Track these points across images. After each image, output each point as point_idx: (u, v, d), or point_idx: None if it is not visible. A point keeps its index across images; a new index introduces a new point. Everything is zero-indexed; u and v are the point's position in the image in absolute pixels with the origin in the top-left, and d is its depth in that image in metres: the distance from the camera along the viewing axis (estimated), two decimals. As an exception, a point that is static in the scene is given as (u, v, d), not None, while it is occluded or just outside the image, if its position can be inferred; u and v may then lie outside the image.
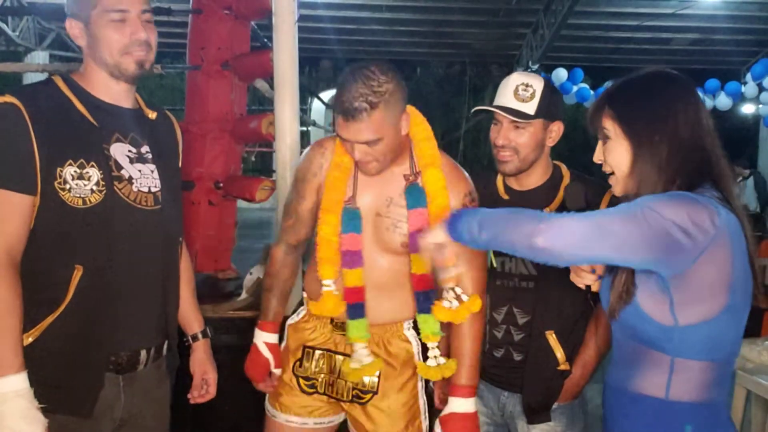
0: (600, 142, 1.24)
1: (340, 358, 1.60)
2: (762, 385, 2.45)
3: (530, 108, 1.56)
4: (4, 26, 8.19)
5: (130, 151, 1.40)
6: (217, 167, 3.25)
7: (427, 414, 1.63)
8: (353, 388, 1.59)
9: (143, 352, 1.44)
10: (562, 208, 1.59)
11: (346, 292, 1.55)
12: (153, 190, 1.43)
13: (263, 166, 11.15)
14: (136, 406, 1.44)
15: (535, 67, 9.04)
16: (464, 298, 1.48)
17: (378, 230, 1.56)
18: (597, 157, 1.25)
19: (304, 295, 1.70)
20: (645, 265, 1.10)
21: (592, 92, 8.93)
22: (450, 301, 1.48)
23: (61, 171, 1.31)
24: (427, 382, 1.64)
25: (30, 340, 1.30)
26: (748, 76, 8.78)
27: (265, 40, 3.69)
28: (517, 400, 1.66)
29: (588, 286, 1.34)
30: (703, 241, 1.06)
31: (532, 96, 1.56)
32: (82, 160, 1.33)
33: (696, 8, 8.03)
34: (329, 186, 1.56)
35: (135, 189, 1.39)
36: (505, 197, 1.68)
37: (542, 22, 8.59)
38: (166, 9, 3.73)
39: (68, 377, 1.33)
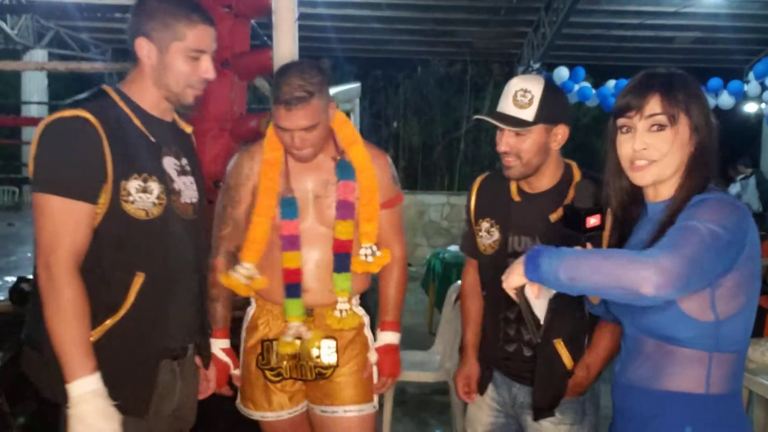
0: (647, 126, 1.20)
1: (297, 342, 1.75)
2: (765, 386, 2.44)
3: (528, 114, 1.55)
4: (2, 24, 8.17)
5: (175, 164, 1.52)
6: (216, 166, 3.23)
7: (377, 374, 1.86)
8: (315, 367, 1.77)
9: (190, 347, 1.60)
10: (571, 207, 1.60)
11: (285, 274, 1.71)
12: (193, 201, 1.55)
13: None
14: (185, 393, 1.58)
15: (537, 65, 9.02)
16: (378, 253, 1.76)
17: (320, 210, 1.74)
18: (639, 145, 1.20)
19: (252, 295, 1.81)
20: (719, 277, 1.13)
21: (593, 91, 8.91)
22: (366, 257, 1.74)
23: (126, 184, 1.39)
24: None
25: (91, 340, 1.37)
26: (751, 75, 8.74)
27: (265, 38, 3.67)
28: (527, 392, 1.69)
29: None
30: (747, 237, 1.13)
31: (531, 102, 1.55)
32: (145, 175, 1.42)
33: (698, 7, 8.01)
34: (264, 178, 1.71)
35: (182, 201, 1.51)
36: (517, 199, 1.68)
37: (543, 21, 8.56)
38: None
39: (125, 377, 1.40)
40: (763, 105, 9.24)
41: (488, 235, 1.70)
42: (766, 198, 7.33)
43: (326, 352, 1.77)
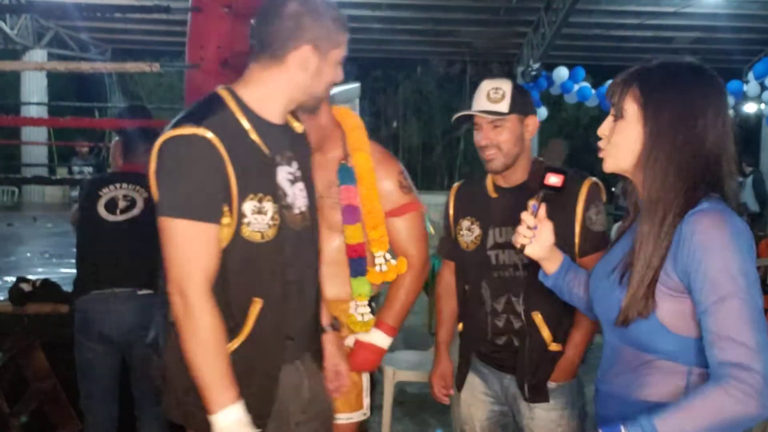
0: (611, 117, 1.20)
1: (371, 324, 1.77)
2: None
3: (503, 107, 1.69)
4: (2, 24, 8.18)
5: (288, 173, 1.40)
6: (216, 166, 3.23)
7: (368, 391, 1.82)
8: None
9: (307, 354, 1.54)
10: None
11: (349, 250, 1.74)
12: (302, 209, 1.43)
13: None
14: (314, 387, 1.53)
15: (536, 65, 9.02)
16: (393, 262, 1.75)
17: (323, 210, 1.70)
18: (602, 131, 1.20)
19: None
20: None
21: (593, 91, 8.92)
22: (380, 266, 1.74)
23: (242, 205, 1.29)
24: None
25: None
26: (750, 75, 8.76)
27: (265, 38, 3.67)
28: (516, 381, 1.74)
29: (522, 247, 1.34)
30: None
31: (503, 97, 1.69)
32: (260, 194, 1.32)
33: (698, 7, 8.02)
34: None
35: (294, 213, 1.40)
36: (494, 195, 1.77)
37: (543, 21, 8.57)
38: (164, 7, 3.72)
39: (244, 395, 1.31)
40: (762, 105, 9.25)
41: (469, 233, 1.78)
42: (762, 198, 7.34)
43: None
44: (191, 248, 1.27)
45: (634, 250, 1.15)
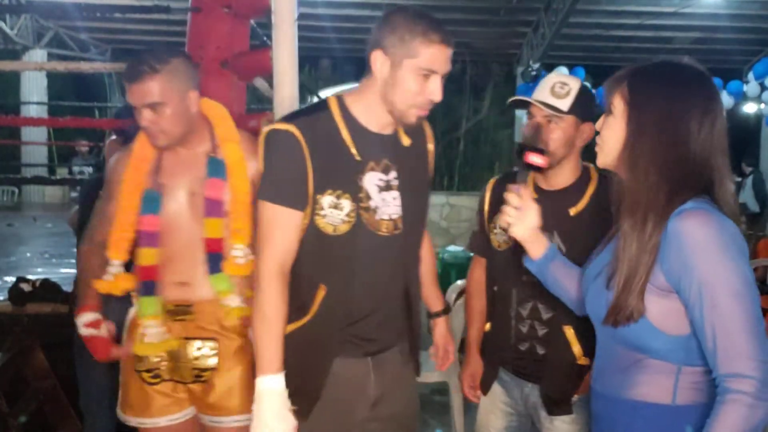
0: (605, 114, 1.21)
1: (183, 343, 1.70)
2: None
3: (564, 104, 1.60)
4: (2, 24, 8.17)
5: (380, 179, 1.50)
6: (216, 166, 3.23)
7: None
8: (193, 369, 1.69)
9: (392, 350, 1.59)
10: (586, 211, 1.63)
11: (140, 271, 1.68)
12: (393, 217, 1.51)
13: (263, 165, 11.12)
14: (385, 385, 1.56)
15: (536, 66, 9.02)
16: (251, 256, 1.63)
17: (196, 207, 1.69)
18: (598, 125, 1.23)
19: (134, 294, 1.75)
20: None
21: (593, 91, 8.90)
22: (236, 258, 1.66)
23: (321, 198, 1.44)
24: None
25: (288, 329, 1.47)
26: (750, 75, 8.74)
27: (265, 38, 3.67)
28: (540, 391, 1.69)
29: (507, 226, 1.37)
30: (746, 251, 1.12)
31: (568, 93, 1.60)
32: (339, 191, 1.44)
33: (697, 7, 8.02)
34: (129, 171, 1.70)
35: (377, 217, 1.48)
36: (534, 196, 1.65)
37: (543, 21, 8.57)
38: (164, 7, 3.72)
39: (296, 379, 1.44)
40: (762, 105, 9.24)
41: (503, 232, 1.67)
42: (761, 198, 7.33)
43: (205, 353, 1.68)
44: (268, 229, 1.44)
45: (619, 253, 1.14)
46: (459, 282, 3.41)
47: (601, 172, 1.70)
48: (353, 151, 1.46)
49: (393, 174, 1.52)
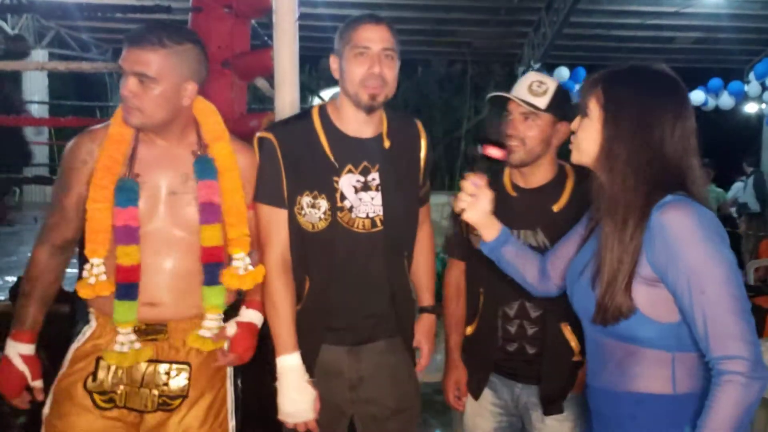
0: (580, 115, 1.26)
1: (142, 366, 1.50)
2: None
3: (542, 102, 1.62)
4: (3, 24, 8.17)
5: (357, 181, 1.61)
6: (216, 166, 3.23)
7: (233, 413, 1.62)
8: (160, 395, 1.51)
9: (368, 342, 1.67)
10: (569, 206, 1.64)
11: (118, 271, 1.47)
12: (371, 215, 1.61)
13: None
14: (363, 370, 1.66)
15: (537, 65, 9.01)
16: (251, 267, 1.56)
17: (176, 209, 1.52)
18: (573, 125, 1.28)
19: (91, 311, 1.56)
20: None
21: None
22: (238, 269, 1.55)
23: (300, 199, 1.58)
24: (236, 378, 1.64)
25: None
26: (751, 75, 8.75)
27: (266, 38, 3.67)
28: (532, 391, 1.68)
29: (461, 211, 1.44)
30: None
31: (545, 92, 1.63)
32: (316, 192, 1.58)
33: (699, 7, 8.01)
34: (103, 156, 1.49)
35: (353, 216, 1.60)
36: (513, 194, 1.71)
37: (544, 21, 8.56)
38: (165, 7, 3.72)
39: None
40: (763, 105, 9.24)
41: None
42: (762, 198, 7.32)
43: (176, 377, 1.51)
44: (268, 228, 1.59)
45: (601, 253, 1.18)
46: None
47: (577, 169, 1.70)
48: (330, 155, 1.59)
49: (373, 175, 1.62)
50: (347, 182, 1.60)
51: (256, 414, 1.98)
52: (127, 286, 1.48)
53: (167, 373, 1.51)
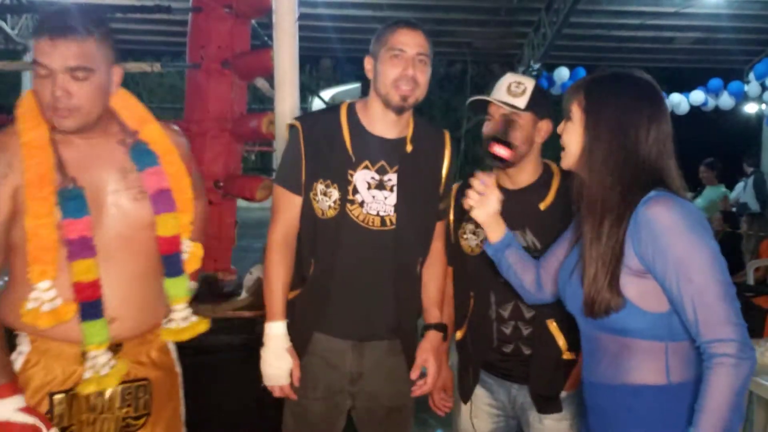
0: (564, 119, 1.32)
1: (107, 390, 1.40)
2: (764, 386, 2.44)
3: (521, 102, 1.65)
4: (3, 24, 8.17)
5: (372, 178, 1.66)
6: (216, 166, 3.24)
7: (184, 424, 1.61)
8: (123, 419, 1.43)
9: (369, 339, 1.70)
10: (556, 204, 1.68)
11: (78, 290, 1.33)
12: (381, 214, 1.66)
13: (263, 166, 11.12)
14: (364, 367, 1.71)
15: (537, 66, 9.01)
16: (190, 248, 1.52)
17: (122, 208, 1.40)
18: (559, 129, 1.35)
19: (22, 334, 1.39)
20: None
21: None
22: (185, 254, 1.49)
23: (316, 185, 1.66)
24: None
25: (291, 295, 1.69)
26: (751, 76, 8.73)
27: (266, 38, 3.67)
28: (527, 392, 1.69)
29: (470, 208, 1.49)
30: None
31: (523, 92, 1.65)
32: (329, 181, 1.65)
33: (699, 7, 8.00)
34: (29, 166, 1.30)
35: (364, 211, 1.65)
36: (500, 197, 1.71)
37: (544, 21, 8.55)
38: (166, 7, 3.72)
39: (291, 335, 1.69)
40: (763, 105, 9.24)
41: (474, 236, 1.73)
42: (763, 198, 7.32)
43: (138, 396, 1.44)
44: (278, 207, 1.72)
45: (583, 253, 1.24)
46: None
47: (564, 170, 1.72)
48: (349, 149, 1.66)
49: (390, 176, 1.66)
50: (362, 177, 1.66)
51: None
52: (90, 305, 1.34)
53: (129, 394, 1.43)
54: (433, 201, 1.72)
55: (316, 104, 11.72)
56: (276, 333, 1.67)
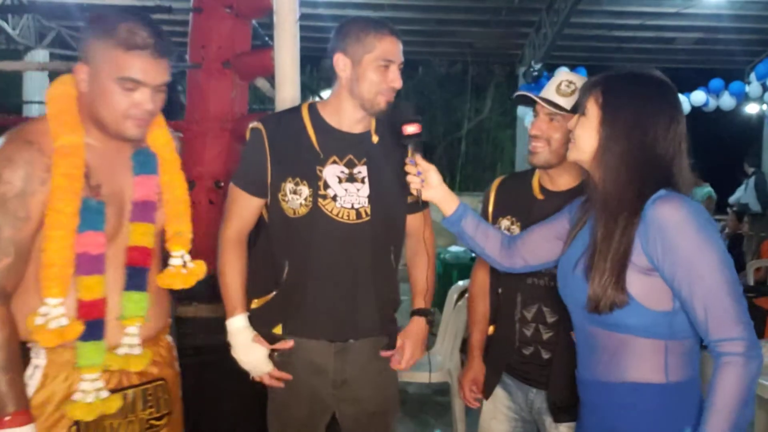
0: (578, 114, 1.33)
1: (130, 393, 1.39)
2: (765, 387, 2.43)
3: (568, 103, 1.61)
4: (4, 24, 8.18)
5: (342, 172, 1.65)
6: (217, 166, 3.24)
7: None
8: (147, 420, 1.42)
9: (351, 338, 1.69)
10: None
11: (80, 306, 1.28)
12: (356, 206, 1.64)
13: (265, 165, 11.13)
14: (348, 373, 1.70)
15: (538, 66, 9.01)
16: (191, 265, 1.48)
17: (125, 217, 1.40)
18: (571, 124, 1.35)
19: (32, 345, 1.31)
20: None
21: None
22: (176, 267, 1.45)
23: (284, 185, 1.63)
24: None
25: (255, 305, 1.69)
26: (752, 76, 8.71)
27: (266, 38, 3.67)
28: (545, 396, 1.68)
29: (419, 193, 1.52)
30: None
31: (573, 93, 1.61)
32: (298, 179, 1.62)
33: (700, 7, 8.00)
34: (60, 173, 1.26)
35: (338, 205, 1.63)
36: (540, 197, 1.71)
37: (545, 21, 8.55)
38: (166, 7, 3.72)
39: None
40: (764, 106, 9.22)
41: (508, 233, 1.70)
42: (764, 198, 7.32)
43: (160, 395, 1.46)
44: (232, 207, 1.70)
45: (595, 245, 1.25)
46: (460, 282, 3.41)
47: None
48: (315, 145, 1.65)
49: (359, 168, 1.66)
50: (331, 172, 1.65)
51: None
52: (90, 324, 1.28)
53: (150, 394, 1.42)
54: (404, 190, 1.69)
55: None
56: (238, 327, 1.67)
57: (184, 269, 1.45)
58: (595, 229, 1.27)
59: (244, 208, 1.70)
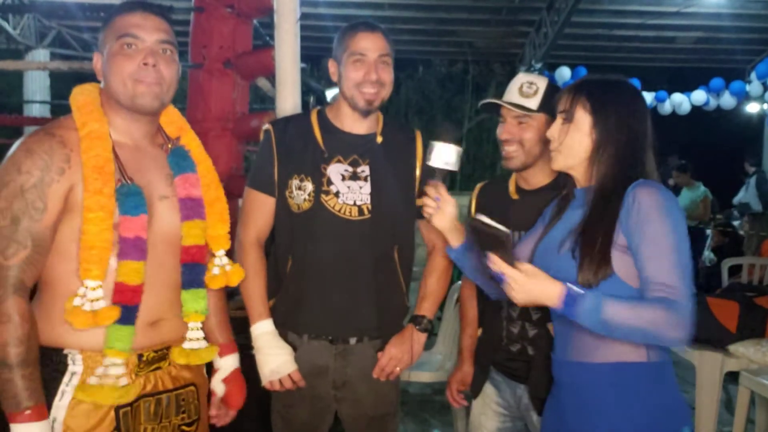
0: (559, 120, 1.40)
1: (164, 397, 1.38)
2: (765, 386, 2.44)
3: (533, 103, 1.64)
4: (4, 24, 8.19)
5: (346, 170, 1.71)
6: (218, 166, 3.22)
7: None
8: (179, 426, 1.42)
9: (352, 338, 1.72)
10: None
11: (118, 290, 1.26)
12: (358, 203, 1.69)
13: (265, 165, 11.14)
14: (348, 375, 1.73)
15: (539, 65, 9.01)
16: (228, 268, 1.48)
17: (170, 214, 1.38)
18: (551, 133, 1.42)
19: (69, 352, 1.28)
20: None
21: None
22: (219, 267, 1.46)
23: (290, 182, 1.70)
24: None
25: (270, 304, 1.73)
26: (753, 75, 8.72)
27: (267, 38, 3.68)
28: (528, 391, 1.70)
29: (430, 217, 1.54)
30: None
31: (535, 93, 1.65)
32: (303, 175, 1.70)
33: (700, 7, 7.99)
34: (89, 157, 1.25)
35: (340, 201, 1.69)
36: (515, 197, 1.76)
37: (545, 21, 8.55)
38: (167, 7, 3.72)
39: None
40: (765, 105, 9.23)
41: None
42: (765, 198, 7.32)
43: (191, 400, 1.44)
44: (250, 209, 1.75)
45: (587, 226, 1.34)
46: (460, 282, 3.41)
47: None
48: (321, 145, 1.72)
49: (363, 167, 1.71)
50: (335, 170, 1.70)
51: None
52: (127, 310, 1.28)
53: (183, 399, 1.41)
54: (408, 192, 1.75)
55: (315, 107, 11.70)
56: (266, 330, 1.69)
57: (229, 266, 1.49)
58: (589, 213, 1.36)
59: (260, 210, 1.74)
